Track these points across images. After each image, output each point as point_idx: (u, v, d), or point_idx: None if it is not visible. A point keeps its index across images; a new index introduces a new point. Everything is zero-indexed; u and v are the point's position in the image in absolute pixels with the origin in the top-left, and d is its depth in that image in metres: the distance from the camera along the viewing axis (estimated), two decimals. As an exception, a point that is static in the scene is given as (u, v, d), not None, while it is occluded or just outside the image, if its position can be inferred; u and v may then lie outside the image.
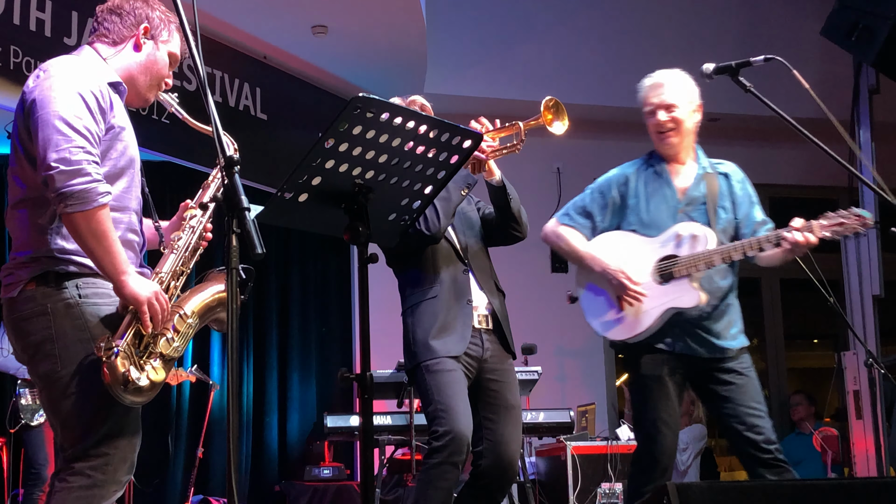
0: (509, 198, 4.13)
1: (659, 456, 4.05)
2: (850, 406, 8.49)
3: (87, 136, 2.89)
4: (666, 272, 4.09)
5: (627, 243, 4.18)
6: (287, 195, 2.85)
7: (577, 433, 6.93)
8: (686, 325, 4.08)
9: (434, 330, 3.99)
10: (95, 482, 2.94)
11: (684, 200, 4.16)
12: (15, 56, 6.11)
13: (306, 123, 8.46)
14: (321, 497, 7.73)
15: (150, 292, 2.95)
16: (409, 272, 4.15)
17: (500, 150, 4.09)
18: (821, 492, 3.38)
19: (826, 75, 8.75)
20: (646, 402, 4.10)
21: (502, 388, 4.10)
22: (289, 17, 7.67)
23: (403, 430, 5.94)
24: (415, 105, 4.23)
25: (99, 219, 2.86)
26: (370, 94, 2.75)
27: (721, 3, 9.73)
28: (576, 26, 9.44)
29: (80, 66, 3.06)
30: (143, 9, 3.24)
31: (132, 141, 3.15)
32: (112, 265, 2.91)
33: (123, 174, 3.09)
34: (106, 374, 2.89)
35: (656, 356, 4.10)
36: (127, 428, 3.02)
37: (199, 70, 2.56)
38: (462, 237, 4.20)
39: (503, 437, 4.04)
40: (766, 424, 4.02)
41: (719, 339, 4.10)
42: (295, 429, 9.38)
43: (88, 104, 2.94)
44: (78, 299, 2.96)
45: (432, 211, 3.96)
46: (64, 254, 2.97)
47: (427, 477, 3.84)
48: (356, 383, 2.87)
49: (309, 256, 9.70)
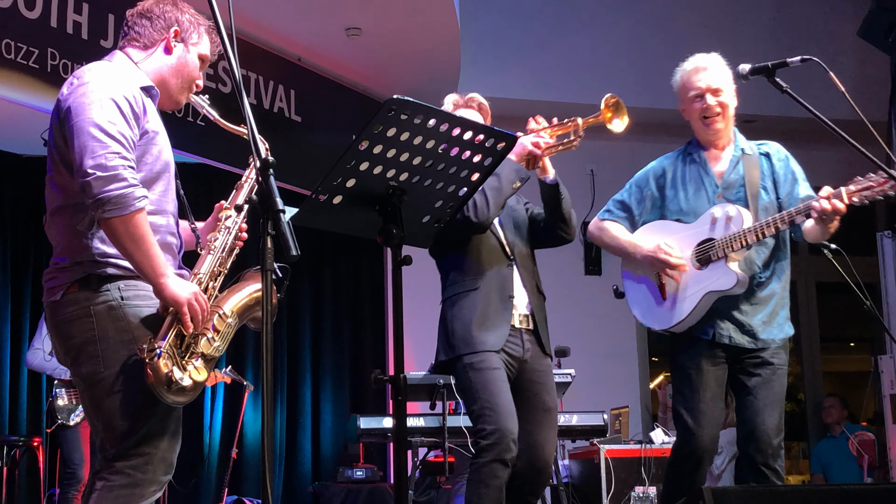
0: (561, 197, 4.09)
1: (694, 449, 4.00)
2: (886, 410, 8.42)
3: (122, 141, 2.91)
4: (703, 256, 4.05)
5: (667, 231, 4.16)
6: (322, 197, 2.85)
7: (611, 436, 6.91)
8: (729, 313, 4.03)
9: (474, 323, 3.96)
10: (135, 481, 2.96)
11: (722, 185, 4.13)
12: (52, 59, 6.16)
13: (340, 125, 8.47)
14: (354, 498, 7.74)
15: (189, 293, 2.97)
16: (451, 261, 4.12)
17: (556, 147, 4.06)
18: (858, 497, 3.34)
19: (862, 76, 8.69)
20: (683, 393, 4.06)
21: (540, 390, 4.08)
22: (322, 19, 7.69)
23: (436, 432, 5.94)
24: (473, 103, 4.23)
25: (137, 223, 2.89)
26: (404, 97, 2.75)
27: (757, 4, 9.67)
28: (609, 28, 9.41)
29: (113, 71, 3.08)
30: (172, 12, 3.26)
31: (166, 145, 3.16)
32: (151, 268, 2.93)
33: (160, 178, 3.12)
34: (150, 375, 2.91)
35: (697, 346, 4.06)
36: (167, 428, 3.04)
37: (235, 72, 2.57)
38: (509, 234, 4.16)
39: (539, 439, 4.02)
40: (774, 426, 3.98)
41: (763, 329, 4.05)
42: (328, 430, 9.41)
43: (122, 110, 2.96)
44: (120, 301, 2.99)
45: (482, 198, 3.93)
46: (104, 257, 2.99)
47: (478, 476, 3.82)
48: (390, 385, 2.88)
49: (342, 258, 9.72)
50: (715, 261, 4.03)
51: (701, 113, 4.16)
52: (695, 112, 4.18)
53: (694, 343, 4.08)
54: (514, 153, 3.98)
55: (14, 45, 6.01)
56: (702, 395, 4.02)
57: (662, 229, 4.19)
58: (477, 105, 4.24)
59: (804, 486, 3.84)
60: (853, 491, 3.44)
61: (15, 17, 6.04)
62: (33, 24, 6.14)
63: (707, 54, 4.23)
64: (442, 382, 5.73)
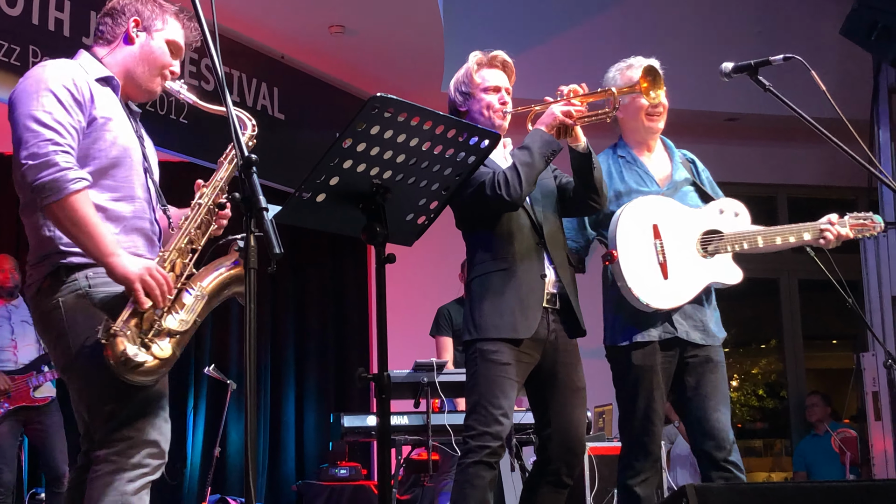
0: (593, 166, 3.92)
1: (652, 447, 3.98)
2: (868, 407, 8.46)
3: (56, 128, 2.92)
4: (711, 246, 4.03)
5: (672, 209, 4.05)
6: (305, 195, 2.85)
7: (595, 434, 6.91)
8: (687, 309, 4.01)
9: (502, 305, 3.86)
10: (121, 467, 2.95)
11: (666, 188, 4.12)
12: (34, 56, 6.13)
13: (324, 123, 8.46)
14: (338, 497, 7.73)
15: (139, 269, 2.92)
16: (480, 239, 3.99)
17: (590, 117, 3.91)
18: (841, 494, 3.35)
19: (845, 75, 8.72)
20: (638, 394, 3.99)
21: (569, 371, 3.99)
22: (306, 17, 7.68)
23: (420, 431, 5.92)
24: (497, 61, 4.12)
25: (73, 206, 2.88)
26: (388, 94, 2.75)
27: (739, 3, 9.70)
28: (593, 26, 9.42)
29: (59, 64, 3.10)
30: (132, 4, 3.27)
31: (123, 131, 3.14)
32: (97, 249, 2.91)
33: (120, 164, 3.10)
34: (108, 356, 2.88)
35: (650, 344, 3.99)
36: (148, 410, 3.03)
37: (217, 68, 2.57)
38: (538, 208, 4.01)
39: (570, 420, 3.95)
40: (728, 422, 3.97)
41: (712, 326, 4.05)
42: (312, 429, 9.40)
43: (60, 98, 2.97)
44: (87, 289, 2.99)
45: (514, 175, 3.79)
46: (69, 247, 2.99)
47: (464, 476, 3.79)
48: (373, 383, 2.87)
49: (325, 256, 9.71)
50: (722, 253, 4.02)
51: (650, 110, 4.13)
52: (643, 108, 4.12)
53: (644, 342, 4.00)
54: (545, 123, 3.88)
55: (-5, 42, 5.98)
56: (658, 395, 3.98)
57: (667, 205, 4.06)
58: (501, 63, 4.14)
59: (787, 483, 3.85)
60: (836, 488, 3.45)
61: (-4, 14, 6.02)
62: (14, 22, 6.11)
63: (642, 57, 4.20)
64: (426, 380, 5.72)
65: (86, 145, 3.02)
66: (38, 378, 6.87)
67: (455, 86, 4.13)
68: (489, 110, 4.04)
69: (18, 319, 7.07)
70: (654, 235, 4.00)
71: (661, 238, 4.00)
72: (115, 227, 3.05)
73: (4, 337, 7.00)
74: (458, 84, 4.12)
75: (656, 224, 4.01)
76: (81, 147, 3.01)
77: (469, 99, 4.08)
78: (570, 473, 4.01)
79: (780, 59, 3.83)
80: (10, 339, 6.99)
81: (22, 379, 6.86)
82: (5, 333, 7.01)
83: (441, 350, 6.57)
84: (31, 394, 6.87)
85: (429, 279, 7.94)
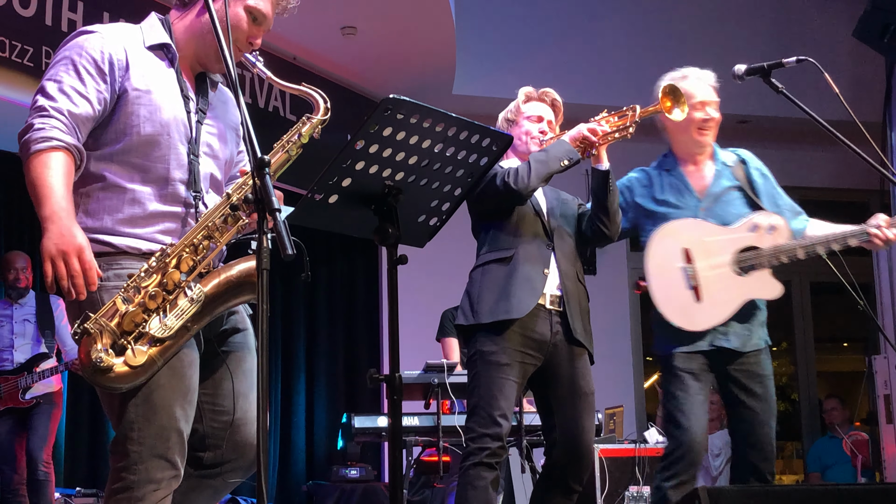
0: (610, 188, 4.02)
1: (688, 451, 3.98)
2: (880, 410, 8.43)
3: (56, 96, 2.75)
4: (746, 264, 4.03)
5: (704, 230, 4.08)
6: (317, 196, 2.85)
7: (605, 436, 6.90)
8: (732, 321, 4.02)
9: (500, 292, 3.93)
10: (128, 484, 2.67)
11: (705, 199, 4.13)
12: (47, 57, 6.15)
13: (335, 124, 8.40)
14: (348, 497, 7.73)
15: (57, 248, 2.60)
16: (488, 232, 4.08)
17: (612, 135, 4.02)
18: (853, 497, 3.34)
19: (858, 77, 8.70)
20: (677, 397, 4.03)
21: (574, 375, 4.01)
22: (318, 18, 7.68)
23: (431, 432, 5.92)
24: (547, 97, 4.25)
25: (32, 166, 2.67)
26: (401, 96, 2.75)
27: (752, 5, 9.68)
28: (605, 27, 9.42)
29: (94, 35, 2.89)
30: None
31: (167, 104, 2.88)
32: (40, 213, 2.63)
33: (155, 142, 2.85)
34: (80, 354, 2.64)
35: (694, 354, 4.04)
36: (153, 417, 2.69)
37: (231, 70, 2.57)
38: (553, 220, 4.10)
39: (577, 426, 3.97)
40: (774, 436, 4.01)
41: (752, 334, 4.06)
42: (322, 429, 9.40)
43: (78, 66, 2.79)
44: (101, 282, 2.72)
45: (525, 168, 3.90)
46: (89, 232, 2.75)
47: (465, 479, 3.83)
48: (384, 384, 2.87)
49: (337, 257, 9.72)
50: (758, 269, 4.02)
51: (699, 123, 4.14)
52: (695, 121, 4.13)
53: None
54: (570, 137, 4.00)
55: (9, 43, 6.01)
56: (697, 400, 4.01)
57: (699, 228, 4.09)
58: (550, 101, 4.26)
59: (799, 485, 3.85)
60: (848, 491, 3.44)
61: (9, 15, 6.05)
62: (28, 22, 6.15)
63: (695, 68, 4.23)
64: (436, 381, 5.72)
65: (114, 120, 2.82)
66: (28, 379, 6.83)
67: (504, 114, 4.28)
68: (527, 136, 4.16)
69: (21, 318, 7.07)
70: (686, 260, 4.05)
71: (692, 262, 4.05)
72: (138, 210, 2.81)
73: (5, 337, 6.99)
74: (507, 112, 4.27)
75: (688, 248, 4.06)
76: (108, 121, 2.83)
77: (512, 126, 4.21)
78: (578, 479, 4.04)
79: (793, 62, 3.83)
80: (10, 338, 6.99)
81: (14, 380, 6.85)
82: (6, 333, 7.01)
83: (448, 351, 6.57)
84: (19, 396, 6.85)
85: (440, 281, 7.96)
